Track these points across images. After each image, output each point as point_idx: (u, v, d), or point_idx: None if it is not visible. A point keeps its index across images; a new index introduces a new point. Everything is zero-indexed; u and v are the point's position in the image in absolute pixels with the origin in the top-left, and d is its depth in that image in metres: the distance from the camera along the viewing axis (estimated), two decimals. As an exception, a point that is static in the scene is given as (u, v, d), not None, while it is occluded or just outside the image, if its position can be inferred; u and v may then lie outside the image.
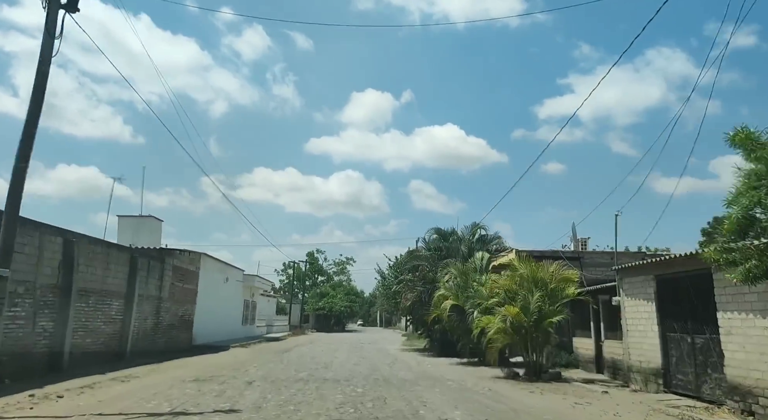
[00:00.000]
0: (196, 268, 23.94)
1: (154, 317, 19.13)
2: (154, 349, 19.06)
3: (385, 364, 18.22)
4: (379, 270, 30.60)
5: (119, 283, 16.20)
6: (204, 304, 24.88)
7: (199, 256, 24.36)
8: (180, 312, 22.01)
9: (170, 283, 20.52)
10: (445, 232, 23.35)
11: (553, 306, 14.05)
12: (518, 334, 14.17)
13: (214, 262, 27.03)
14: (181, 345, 22.10)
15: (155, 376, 12.89)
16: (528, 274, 14.29)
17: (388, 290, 28.95)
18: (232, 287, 31.06)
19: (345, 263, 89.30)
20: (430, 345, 27.62)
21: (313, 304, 71.40)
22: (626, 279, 12.91)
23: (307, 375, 13.83)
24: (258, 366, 16.20)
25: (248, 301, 36.22)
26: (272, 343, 32.01)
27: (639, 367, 12.32)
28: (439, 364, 18.90)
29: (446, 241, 23.27)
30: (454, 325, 18.49)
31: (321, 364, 17.31)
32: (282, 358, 19.52)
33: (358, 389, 11.34)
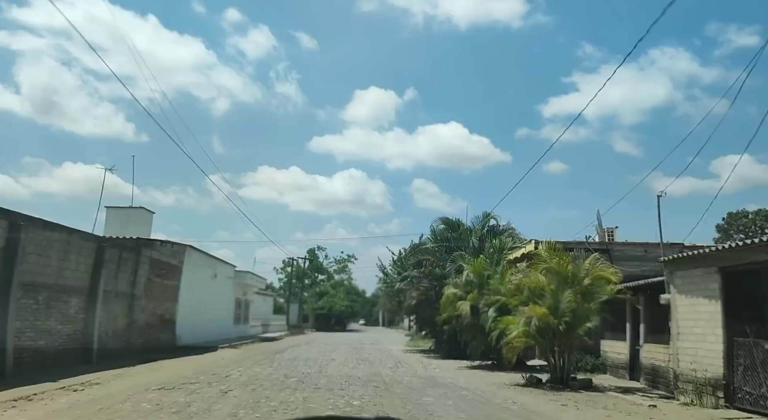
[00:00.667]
0: (179, 262, 21.87)
1: (127, 316, 17.05)
2: (129, 350, 16.98)
3: (386, 367, 16.14)
4: (381, 266, 28.62)
5: (81, 277, 14.12)
6: (189, 302, 22.81)
7: (184, 249, 22.29)
8: (159, 310, 19.94)
9: (146, 279, 18.43)
10: (454, 222, 21.27)
11: (587, 306, 11.96)
12: (544, 337, 12.08)
13: (200, 256, 24.96)
14: (163, 346, 20.01)
15: (116, 384, 10.82)
16: (557, 267, 12.19)
17: (391, 288, 26.79)
18: (222, 284, 28.98)
19: (346, 261, 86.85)
20: (437, 346, 25.58)
21: (313, 304, 69.38)
22: (678, 273, 10.80)
23: (296, 381, 11.75)
24: (243, 370, 14.13)
25: (241, 300, 34.15)
26: (267, 343, 29.95)
27: (691, 377, 10.21)
28: (448, 367, 16.81)
29: (454, 232, 21.19)
30: (465, 325, 16.41)
31: (315, 368, 15.25)
32: (273, 361, 17.45)
33: (354, 401, 9.27)
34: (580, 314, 11.95)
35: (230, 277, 30.73)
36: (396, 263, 26.92)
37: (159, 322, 19.96)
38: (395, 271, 26.32)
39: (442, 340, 21.74)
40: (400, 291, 23.90)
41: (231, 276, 31.03)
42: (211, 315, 26.82)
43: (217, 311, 28.03)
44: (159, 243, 19.72)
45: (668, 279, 11.19)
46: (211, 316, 26.60)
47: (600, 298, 12.00)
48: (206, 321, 25.68)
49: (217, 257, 28.05)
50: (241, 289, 33.84)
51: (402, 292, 23.51)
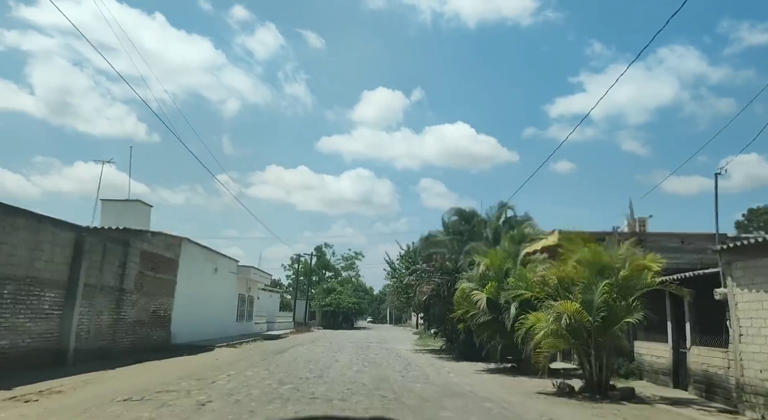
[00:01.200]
0: (175, 256, 20.46)
1: (113, 312, 15.66)
2: (115, 350, 15.63)
3: (395, 371, 14.61)
4: (388, 260, 27.05)
5: (57, 270, 12.72)
6: (186, 298, 21.43)
7: (180, 242, 20.88)
8: (152, 306, 18.55)
9: (137, 272, 17.03)
10: (468, 212, 19.68)
11: (625, 300, 10.35)
12: (576, 337, 10.48)
13: (198, 250, 23.55)
14: (156, 345, 18.66)
15: (80, 393, 9.38)
16: (591, 257, 10.57)
17: (399, 283, 25.28)
18: (223, 279, 27.61)
19: (353, 258, 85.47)
20: (448, 346, 24.01)
21: (320, 301, 68.02)
22: (738, 263, 9.14)
23: (291, 389, 10.26)
24: (234, 373, 12.66)
25: (244, 296, 32.77)
26: (269, 341, 28.56)
27: (761, 388, 8.58)
28: (463, 371, 15.26)
29: (468, 224, 19.60)
30: (481, 322, 14.84)
31: (315, 371, 13.75)
32: (270, 362, 15.99)
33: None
34: (617, 310, 10.34)
35: (233, 272, 29.35)
36: (405, 257, 25.36)
37: (152, 319, 18.58)
38: (404, 265, 24.78)
39: (455, 339, 20.19)
40: (409, 286, 22.37)
41: (234, 271, 29.65)
42: (212, 311, 25.45)
43: (218, 308, 26.67)
44: (150, 234, 18.29)
45: (725, 270, 9.53)
46: (211, 313, 25.24)
47: (640, 291, 10.38)
48: (206, 318, 24.32)
49: (218, 251, 26.67)
50: (244, 284, 32.47)
51: (411, 288, 21.98)
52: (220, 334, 26.50)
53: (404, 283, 22.63)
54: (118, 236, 16.09)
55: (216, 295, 26.31)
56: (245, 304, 33.26)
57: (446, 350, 23.41)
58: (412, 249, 25.10)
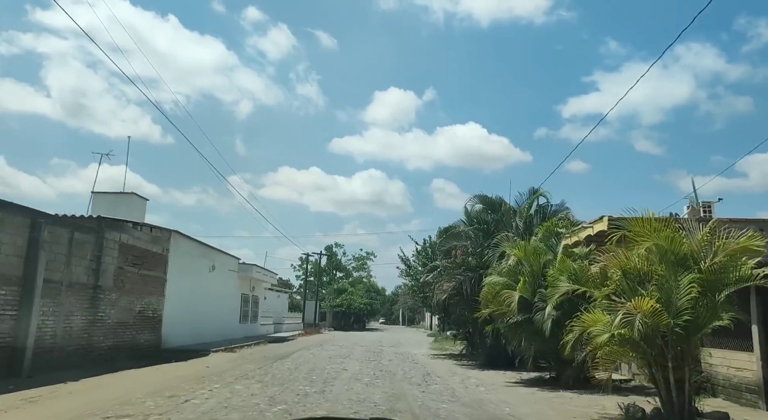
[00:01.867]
0: (164, 250, 18.37)
1: (88, 312, 13.58)
2: (90, 356, 13.60)
3: (413, 383, 12.32)
4: (402, 257, 24.75)
5: (7, 263, 10.64)
6: (179, 297, 19.37)
7: (168, 235, 18.80)
8: (137, 306, 16.48)
9: (116, 267, 14.96)
10: (494, 200, 17.30)
11: (710, 299, 7.96)
12: (651, 345, 8.11)
13: (192, 245, 21.45)
14: (143, 349, 16.62)
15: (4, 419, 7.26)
16: (667, 244, 8.18)
17: (415, 281, 22.94)
18: (223, 278, 25.54)
19: (365, 258, 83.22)
20: (470, 350, 21.71)
21: (331, 301, 65.98)
22: None
23: (281, 412, 8.03)
24: (218, 388, 10.48)
25: (248, 296, 30.70)
26: (273, 345, 26.43)
27: None
28: (494, 383, 12.93)
29: (494, 213, 17.25)
30: (513, 324, 12.52)
31: (317, 384, 11.53)
32: (267, 371, 13.79)
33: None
34: (702, 310, 7.97)
35: (233, 270, 27.27)
36: (421, 254, 23.11)
37: (138, 321, 16.51)
38: (420, 262, 22.52)
39: (479, 343, 17.89)
40: (426, 285, 20.08)
41: (234, 269, 27.58)
42: (211, 312, 23.38)
43: (217, 308, 24.59)
44: (131, 225, 16.20)
45: None
46: (210, 314, 23.17)
47: (734, 286, 7.99)
48: (204, 319, 22.24)
49: (215, 247, 24.58)
50: (247, 284, 30.41)
51: (428, 286, 19.69)
52: (222, 337, 24.44)
53: (421, 281, 20.30)
54: (89, 226, 14.00)
55: (215, 295, 24.24)
56: (249, 304, 31.19)
57: (467, 355, 21.11)
58: (429, 244, 22.84)
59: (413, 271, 22.81)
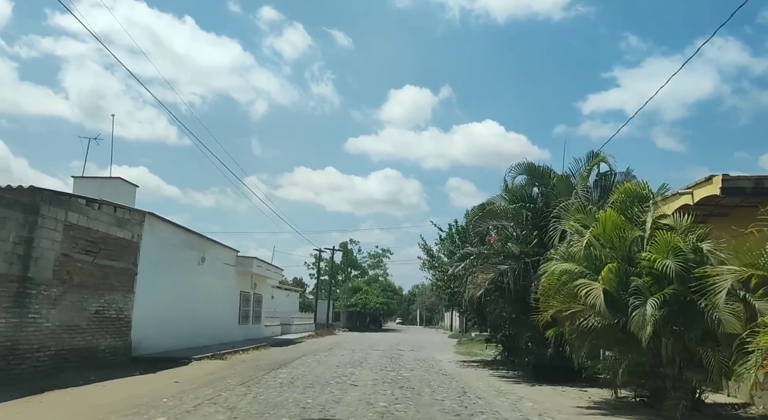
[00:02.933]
0: (134, 237, 15.04)
1: (10, 314, 10.24)
2: (17, 370, 10.30)
3: (449, 411, 8.73)
4: (424, 245, 20.90)
5: None
6: (157, 294, 16.08)
7: (141, 217, 15.46)
8: (94, 305, 13.13)
9: (58, 254, 11.60)
10: (542, 169, 13.53)
11: None
12: None
13: (174, 231, 18.08)
14: (103, 358, 13.33)
15: None
16: None
17: (441, 274, 19.16)
18: (216, 272, 22.20)
19: (381, 256, 79.65)
20: (504, 356, 18.11)
21: (345, 301, 62.60)
22: None
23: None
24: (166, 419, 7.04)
25: (248, 294, 27.36)
26: (276, 349, 23.04)
27: None
28: (559, 407, 9.24)
29: (543, 185, 13.51)
30: (590, 329, 8.84)
31: (312, 411, 8.05)
32: (249, 391, 10.30)
33: None
34: None
35: (229, 264, 23.91)
36: (445, 241, 19.36)
37: (94, 323, 13.19)
38: (445, 250, 18.76)
39: (524, 349, 14.22)
40: (454, 278, 16.48)
41: (231, 263, 24.22)
42: (201, 312, 20.05)
43: (209, 307, 21.25)
44: (84, 202, 12.83)
45: None
46: (199, 314, 19.84)
47: None
48: (191, 320, 18.92)
49: (206, 236, 21.21)
50: (248, 280, 27.07)
51: (457, 280, 16.09)
52: (216, 340, 21.12)
53: (448, 274, 16.62)
54: (14, 198, 10.62)
55: (206, 292, 20.90)
56: (251, 303, 27.84)
57: (504, 363, 17.48)
58: (456, 229, 19.12)
59: (437, 261, 19.07)
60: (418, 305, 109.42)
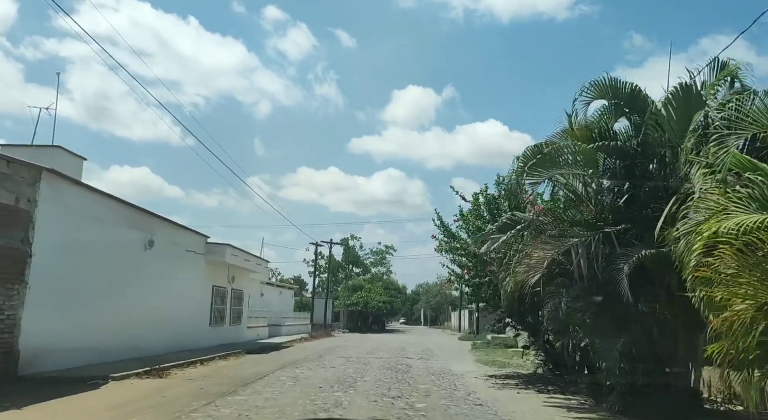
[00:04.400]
0: (23, 201, 10.32)
1: None
2: None
3: None
4: (439, 222, 15.50)
5: None
6: (65, 287, 11.41)
7: (36, 175, 10.72)
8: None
9: None
10: (633, 89, 8.58)
11: None
12: None
13: (95, 200, 13.23)
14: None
15: None
16: None
17: (464, 255, 13.92)
18: (175, 261, 17.50)
19: (384, 252, 74.77)
20: (547, 369, 13.41)
21: (345, 299, 57.88)
22: None
23: None
24: None
25: (224, 289, 22.66)
26: (253, 357, 18.37)
27: None
28: None
29: (638, 113, 8.55)
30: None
31: None
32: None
33: None
34: None
35: (195, 251, 19.17)
36: (469, 216, 14.29)
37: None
38: (470, 227, 13.74)
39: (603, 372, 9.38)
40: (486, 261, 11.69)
41: (198, 250, 19.49)
42: (148, 312, 15.36)
43: (164, 306, 16.56)
44: None
45: None
46: (145, 315, 15.15)
47: None
48: (129, 323, 14.22)
49: (154, 213, 16.41)
50: (224, 272, 22.38)
51: (490, 264, 11.28)
52: (176, 347, 16.51)
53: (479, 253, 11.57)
54: None
55: (158, 286, 16.20)
56: (227, 300, 23.13)
57: (549, 380, 12.77)
58: (485, 197, 14.02)
59: (459, 241, 13.98)
60: (423, 304, 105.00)
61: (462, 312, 60.08)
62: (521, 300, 10.49)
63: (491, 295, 12.78)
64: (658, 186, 8.11)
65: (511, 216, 9.63)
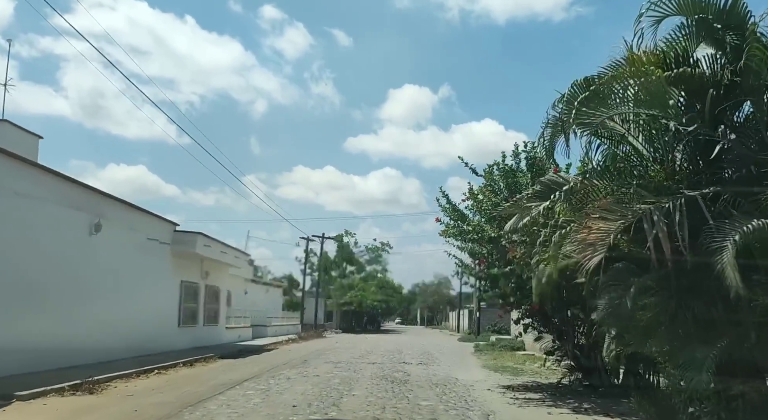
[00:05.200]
0: None
1: None
2: None
3: None
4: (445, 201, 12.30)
5: None
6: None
7: None
8: None
9: None
10: (724, 3, 6.31)
11: None
12: None
13: (25, 173, 10.69)
14: None
15: None
16: None
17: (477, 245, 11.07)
18: (131, 250, 14.92)
19: (380, 250, 72.09)
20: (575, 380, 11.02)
21: (338, 298, 55.34)
22: None
23: None
24: None
25: (196, 285, 20.09)
26: (226, 362, 15.85)
27: None
28: None
29: (736, 32, 6.18)
30: None
31: None
32: None
33: None
34: None
35: (158, 240, 16.58)
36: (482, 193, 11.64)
37: None
38: (487, 203, 11.05)
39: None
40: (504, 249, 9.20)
41: (163, 239, 16.92)
42: (96, 309, 12.82)
43: (119, 302, 14.00)
44: None
45: None
46: (92, 312, 12.61)
47: None
48: (69, 322, 11.68)
49: (102, 191, 13.76)
50: (197, 266, 19.83)
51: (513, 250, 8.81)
52: (133, 352, 13.94)
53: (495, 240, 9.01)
54: None
55: (108, 279, 13.64)
56: (200, 298, 20.55)
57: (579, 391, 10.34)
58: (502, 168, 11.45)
59: (471, 225, 11.19)
60: (419, 304, 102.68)
61: (461, 311, 57.68)
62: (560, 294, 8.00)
63: (513, 290, 10.25)
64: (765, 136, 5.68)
65: (553, 177, 7.15)
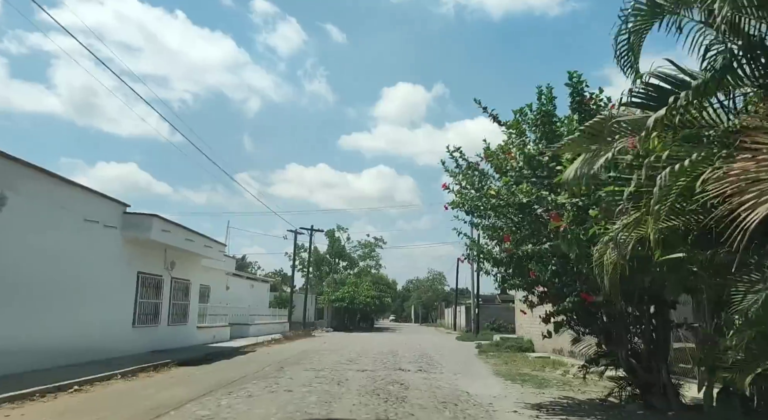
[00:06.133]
0: None
1: None
2: None
3: None
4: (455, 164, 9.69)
5: None
6: None
7: None
8: None
9: None
10: None
11: None
12: None
13: None
14: None
15: None
16: None
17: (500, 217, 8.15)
18: (61, 233, 11.96)
19: (373, 245, 69.31)
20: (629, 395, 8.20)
21: (329, 295, 52.53)
22: None
23: None
24: None
25: (158, 278, 17.13)
26: (184, 370, 12.94)
27: None
28: None
29: None
30: None
31: None
32: None
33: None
34: None
35: (103, 223, 13.62)
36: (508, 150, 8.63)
37: None
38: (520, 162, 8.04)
39: None
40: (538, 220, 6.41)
41: (108, 223, 13.96)
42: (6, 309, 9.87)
43: (41, 297, 11.07)
44: None
45: None
46: None
47: None
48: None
49: (14, 157, 10.77)
50: (161, 256, 16.89)
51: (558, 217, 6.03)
52: (62, 359, 11.10)
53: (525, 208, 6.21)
54: None
55: (20, 268, 10.70)
56: (164, 293, 17.60)
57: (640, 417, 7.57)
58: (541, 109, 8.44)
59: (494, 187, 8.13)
60: (414, 301, 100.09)
61: (458, 308, 55.06)
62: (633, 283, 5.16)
63: (553, 274, 7.27)
64: None
65: (665, 72, 4.31)
